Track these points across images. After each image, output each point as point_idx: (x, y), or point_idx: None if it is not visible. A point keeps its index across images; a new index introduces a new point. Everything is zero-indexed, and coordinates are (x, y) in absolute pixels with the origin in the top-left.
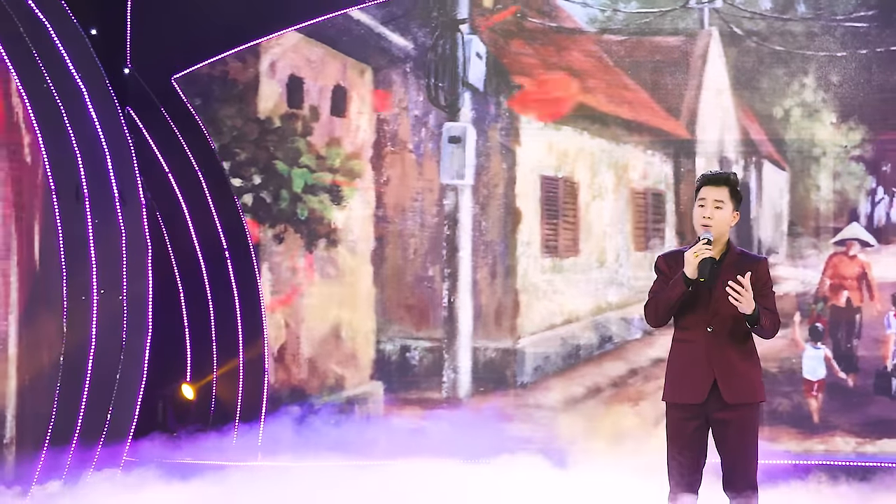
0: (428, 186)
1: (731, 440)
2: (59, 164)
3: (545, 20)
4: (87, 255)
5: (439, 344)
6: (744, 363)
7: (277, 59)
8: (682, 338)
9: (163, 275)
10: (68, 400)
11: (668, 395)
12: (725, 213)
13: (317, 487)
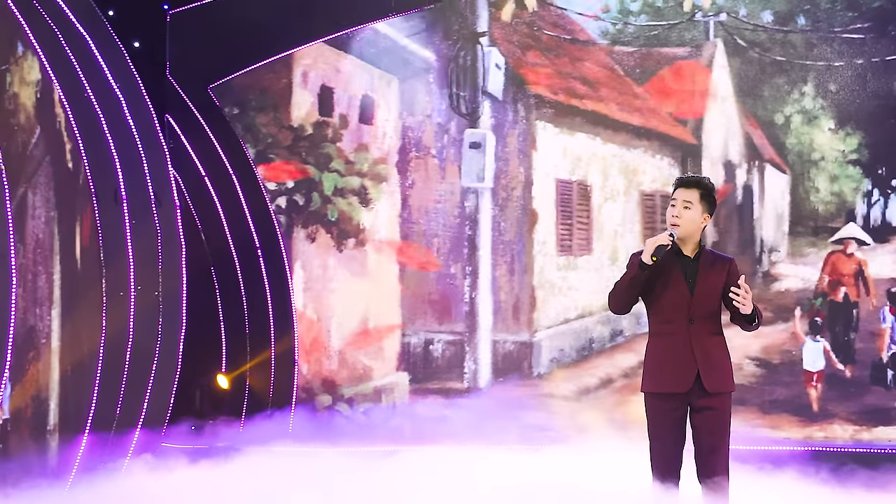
0: (450, 189)
1: (711, 426)
2: (99, 169)
3: (560, 33)
4: (124, 254)
5: (461, 337)
6: (721, 354)
7: (309, 70)
8: (663, 331)
9: (199, 272)
10: (108, 389)
11: (651, 385)
12: (694, 214)
13: (346, 471)
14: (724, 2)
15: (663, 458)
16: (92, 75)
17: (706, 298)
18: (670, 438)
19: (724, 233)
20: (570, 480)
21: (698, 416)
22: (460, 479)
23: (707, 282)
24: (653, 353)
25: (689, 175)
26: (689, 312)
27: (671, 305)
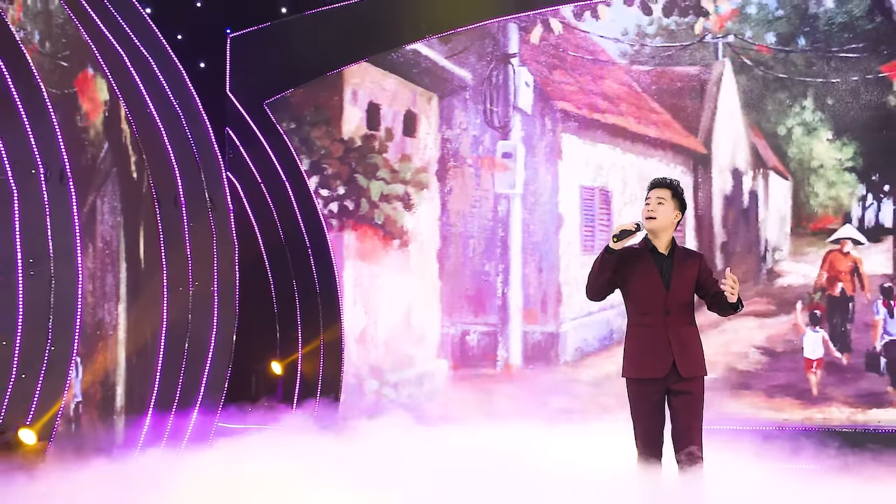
0: (484, 195)
1: (687, 408)
2: (161, 177)
3: (583, 53)
4: (183, 253)
5: (494, 328)
6: (694, 342)
7: (358, 89)
8: (641, 322)
9: (255, 268)
10: (168, 374)
11: (632, 371)
12: (667, 209)
13: (392, 448)
14: (732, 25)
15: (646, 437)
16: (154, 94)
17: (681, 292)
18: (651, 419)
19: (731, 234)
20: (591, 457)
21: (675, 398)
22: (492, 456)
23: (681, 276)
24: (632, 342)
25: (661, 177)
26: (666, 305)
27: (648, 299)
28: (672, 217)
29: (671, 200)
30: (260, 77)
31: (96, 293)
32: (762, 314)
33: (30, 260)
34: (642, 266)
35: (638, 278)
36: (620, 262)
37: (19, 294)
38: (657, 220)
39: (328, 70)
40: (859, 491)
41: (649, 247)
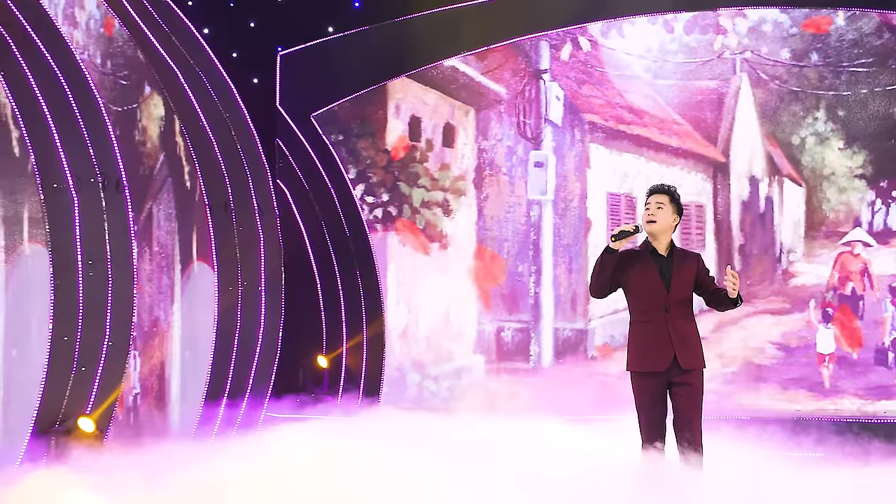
0: (518, 201)
1: (687, 398)
2: (212, 185)
3: (610, 69)
4: (233, 256)
5: (527, 325)
6: (693, 337)
7: (401, 103)
8: (643, 319)
9: (303, 269)
10: (220, 368)
11: (636, 365)
12: (666, 212)
13: (432, 436)
14: (748, 41)
15: (650, 427)
16: (206, 108)
17: (680, 290)
18: (654, 410)
19: (749, 237)
20: (619, 446)
21: (676, 390)
22: (525, 444)
23: (680, 276)
24: (635, 338)
25: (660, 184)
26: (666, 303)
27: (649, 297)
28: (671, 220)
29: (669, 205)
30: (307, 91)
31: (153, 293)
32: (778, 312)
33: (89, 262)
34: (644, 266)
35: (639, 278)
36: (623, 264)
37: (80, 293)
38: (657, 223)
39: (370, 85)
40: (867, 477)
41: (649, 248)
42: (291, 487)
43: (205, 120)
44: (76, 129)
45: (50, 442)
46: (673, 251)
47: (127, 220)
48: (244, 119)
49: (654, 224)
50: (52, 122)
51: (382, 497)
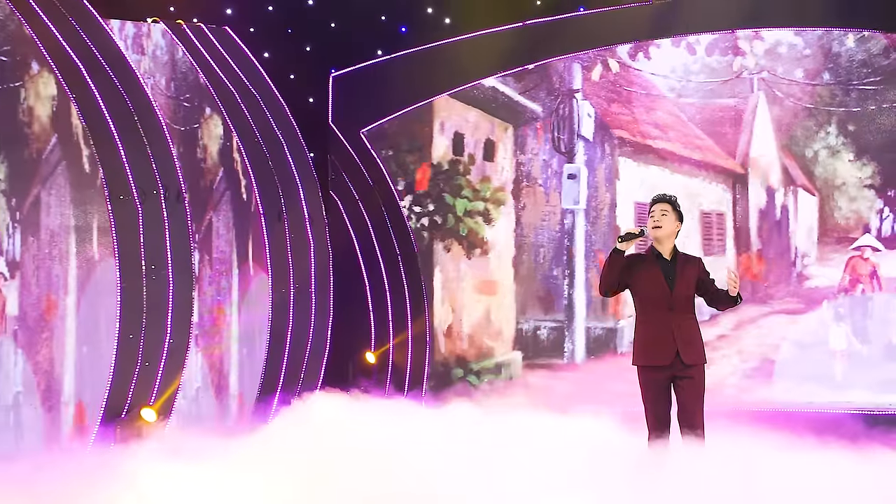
0: (553, 211)
1: (690, 391)
2: (267, 196)
3: (637, 89)
4: (285, 260)
5: (561, 324)
6: (695, 334)
7: (445, 121)
8: (649, 318)
9: (353, 273)
10: (273, 364)
11: (641, 359)
12: (669, 219)
13: (474, 427)
14: (765, 62)
15: (655, 417)
16: (261, 127)
17: (683, 291)
18: (659, 402)
19: (766, 242)
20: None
21: (679, 383)
22: (561, 435)
23: (683, 278)
24: (641, 334)
25: (662, 193)
26: (670, 303)
27: (654, 297)
28: (674, 226)
29: (672, 212)
30: (357, 110)
31: (213, 296)
32: (793, 311)
33: (152, 266)
34: (649, 269)
35: (645, 280)
36: (631, 266)
37: (143, 295)
38: (662, 228)
39: (415, 103)
40: (875, 466)
41: (655, 253)
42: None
43: (260, 137)
44: (141, 146)
45: (116, 429)
46: (676, 255)
47: (186, 229)
48: (296, 136)
49: (659, 230)
50: (119, 140)
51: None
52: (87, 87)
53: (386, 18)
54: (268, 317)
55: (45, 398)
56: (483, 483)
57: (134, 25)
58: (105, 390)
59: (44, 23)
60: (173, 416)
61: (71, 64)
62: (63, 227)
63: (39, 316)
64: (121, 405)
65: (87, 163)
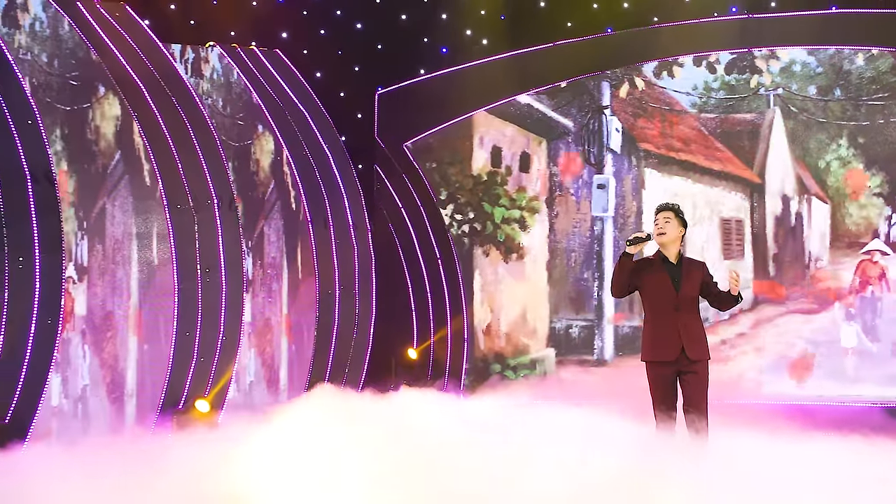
0: (583, 218)
1: (695, 385)
2: (314, 206)
3: (661, 105)
4: (330, 264)
5: (591, 323)
6: (699, 332)
7: (484, 136)
8: (655, 317)
9: (396, 275)
10: (320, 360)
11: (649, 355)
12: (673, 226)
13: (508, 419)
14: (781, 80)
15: (662, 410)
16: (309, 141)
17: (688, 292)
18: (666, 395)
19: (782, 247)
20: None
21: (684, 377)
22: (590, 425)
23: (688, 281)
24: (649, 332)
25: (665, 202)
26: (676, 303)
27: (662, 299)
28: (677, 232)
29: (675, 219)
30: (400, 124)
31: (264, 298)
32: (807, 311)
33: (206, 269)
34: (657, 273)
35: (653, 282)
36: (639, 270)
37: (199, 296)
38: (666, 235)
39: (454, 118)
40: (884, 455)
41: (661, 257)
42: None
43: (308, 151)
44: (196, 160)
45: (173, 419)
46: (681, 259)
47: (238, 235)
48: (341, 149)
49: (663, 236)
50: (176, 155)
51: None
52: (148, 107)
53: (428, 40)
54: (315, 316)
55: (110, 391)
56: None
57: (193, 50)
58: (163, 383)
59: (110, 49)
60: (229, 407)
61: (134, 86)
62: (126, 235)
63: (105, 316)
64: (178, 397)
65: (148, 176)
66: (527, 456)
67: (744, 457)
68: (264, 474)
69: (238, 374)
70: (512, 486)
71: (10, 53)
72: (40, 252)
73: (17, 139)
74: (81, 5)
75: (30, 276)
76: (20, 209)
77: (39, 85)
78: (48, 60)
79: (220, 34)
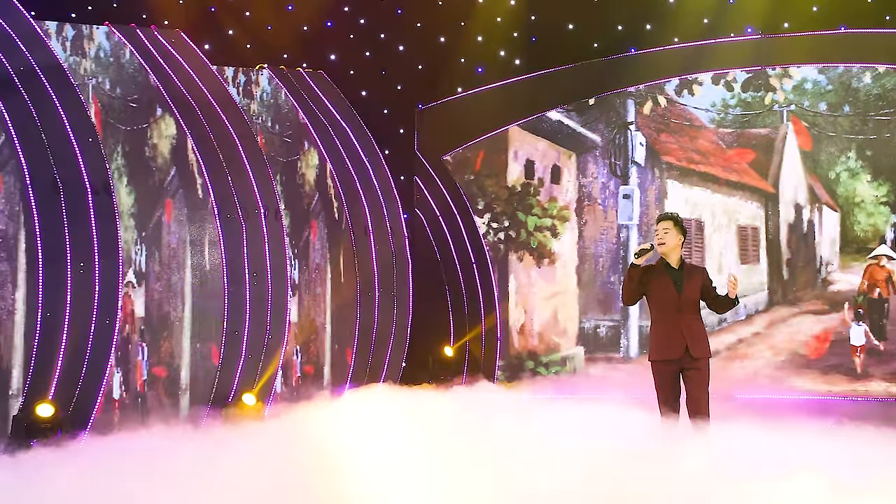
0: (610, 226)
1: (697, 381)
2: (355, 215)
3: (682, 121)
4: (370, 268)
5: (618, 323)
6: (701, 331)
7: (518, 150)
8: (661, 319)
9: (433, 278)
10: (361, 357)
11: (655, 354)
12: (672, 236)
13: (543, 413)
14: (793, 97)
15: (667, 404)
16: (351, 157)
17: (689, 296)
18: (671, 391)
19: (795, 252)
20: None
21: (687, 374)
22: (617, 419)
23: (689, 284)
24: (655, 333)
25: (665, 212)
26: (678, 305)
27: (665, 302)
28: (677, 241)
29: (674, 228)
30: (439, 139)
31: (310, 300)
32: (818, 312)
33: (253, 274)
34: (661, 278)
35: (658, 286)
36: (645, 276)
37: (247, 298)
38: (666, 244)
39: (489, 132)
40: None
41: (664, 264)
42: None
43: (350, 165)
44: (245, 174)
45: (223, 412)
46: (683, 265)
47: (282, 242)
48: (381, 162)
49: (663, 245)
50: (227, 169)
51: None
52: (202, 125)
53: (465, 61)
54: (356, 317)
55: (166, 386)
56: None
57: (244, 73)
58: (214, 379)
59: (167, 73)
60: (277, 401)
61: (189, 107)
62: (180, 243)
63: (161, 317)
64: (227, 392)
65: (201, 190)
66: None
67: (761, 446)
68: (342, 461)
69: (285, 370)
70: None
71: (74, 78)
72: (99, 257)
73: (79, 155)
74: (141, 33)
75: (90, 279)
76: (81, 218)
77: (103, 107)
78: (111, 85)
79: (274, 57)
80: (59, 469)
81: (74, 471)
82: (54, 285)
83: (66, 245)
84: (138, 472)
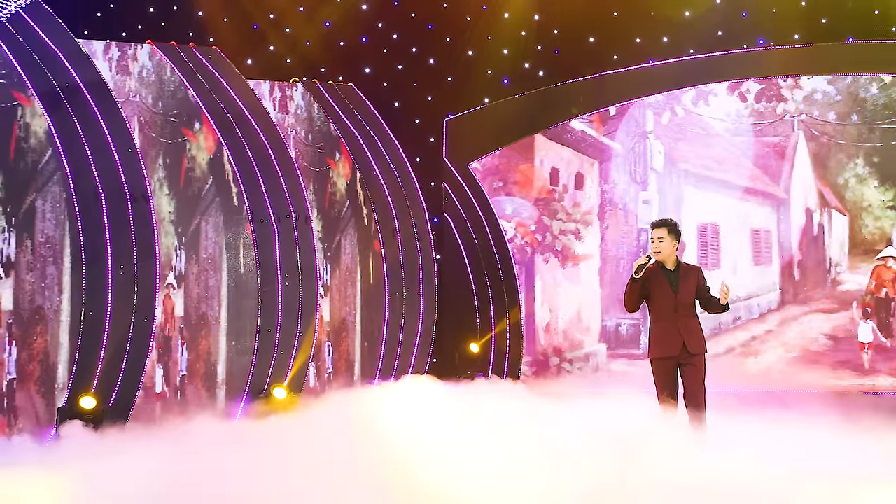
0: (630, 230)
1: (694, 376)
2: (384, 219)
3: (698, 130)
4: (399, 270)
5: (638, 322)
6: (697, 329)
7: (544, 158)
8: (659, 318)
9: (460, 279)
10: (389, 354)
11: (655, 352)
12: (666, 244)
13: (563, 405)
14: (804, 107)
15: (666, 397)
16: (380, 164)
17: (686, 296)
18: (669, 385)
19: (805, 254)
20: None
21: (685, 369)
22: (637, 412)
23: (685, 285)
24: (653, 332)
25: (660, 219)
26: (675, 305)
27: (663, 303)
28: (671, 247)
29: (668, 236)
30: (466, 147)
31: (340, 301)
32: (827, 311)
33: (285, 275)
34: (658, 280)
35: (655, 288)
36: (645, 282)
37: (279, 297)
38: (661, 252)
39: (514, 141)
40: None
41: (661, 266)
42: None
43: (378, 173)
44: (277, 182)
45: (257, 405)
46: (679, 266)
47: (312, 245)
48: (407, 170)
49: (658, 254)
50: (261, 178)
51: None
52: (237, 137)
53: (491, 73)
54: (384, 315)
55: (204, 381)
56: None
57: (280, 89)
58: (248, 374)
59: (206, 89)
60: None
61: (226, 120)
62: (217, 247)
63: (199, 316)
64: (261, 386)
65: (236, 198)
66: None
67: (775, 437)
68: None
69: (318, 366)
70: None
71: (119, 95)
72: (137, 260)
73: (120, 165)
74: (181, 51)
75: (129, 281)
76: (122, 224)
77: (146, 122)
78: (153, 101)
79: (312, 70)
80: (149, 449)
81: (167, 451)
82: (96, 286)
83: (107, 249)
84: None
